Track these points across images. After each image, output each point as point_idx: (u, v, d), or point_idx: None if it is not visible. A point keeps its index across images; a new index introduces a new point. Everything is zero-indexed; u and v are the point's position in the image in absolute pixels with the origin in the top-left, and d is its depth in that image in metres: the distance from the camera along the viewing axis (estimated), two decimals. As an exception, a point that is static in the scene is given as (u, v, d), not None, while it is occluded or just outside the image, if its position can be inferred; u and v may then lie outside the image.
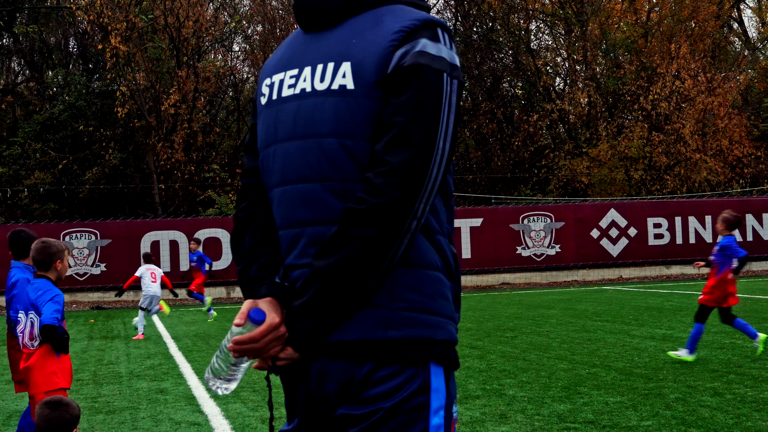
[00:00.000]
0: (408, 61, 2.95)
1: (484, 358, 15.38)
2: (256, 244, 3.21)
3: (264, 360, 3.03)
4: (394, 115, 2.93)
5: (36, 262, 8.26)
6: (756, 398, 10.71)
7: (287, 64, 3.23)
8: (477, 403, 11.23)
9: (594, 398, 11.23)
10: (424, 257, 3.03)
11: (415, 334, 2.99)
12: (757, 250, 41.03)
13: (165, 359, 17.08)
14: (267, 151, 3.22)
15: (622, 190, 46.73)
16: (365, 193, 2.90)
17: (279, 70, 3.25)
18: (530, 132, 50.86)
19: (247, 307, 3.02)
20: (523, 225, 38.99)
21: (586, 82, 49.82)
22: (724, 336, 16.94)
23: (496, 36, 54.05)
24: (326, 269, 2.91)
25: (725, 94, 49.24)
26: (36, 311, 8.19)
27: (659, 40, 49.83)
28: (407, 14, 3.06)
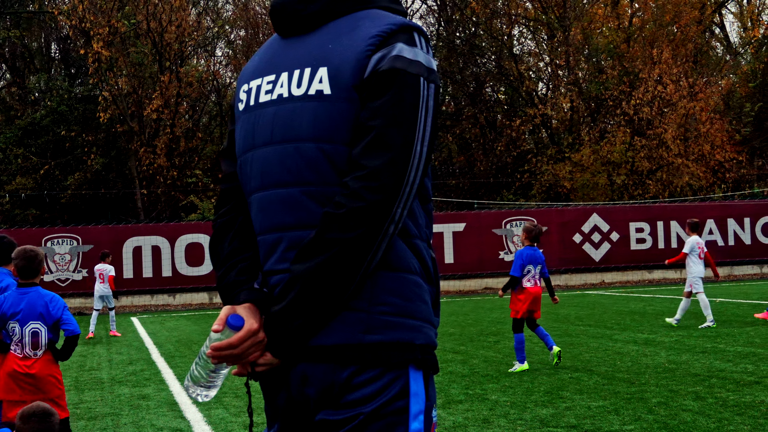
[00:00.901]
0: (384, 66, 2.95)
1: (467, 362, 15.39)
2: (235, 249, 3.19)
3: (243, 366, 3.01)
4: (371, 119, 2.93)
5: (24, 269, 8.26)
6: (738, 402, 10.74)
7: (264, 69, 3.22)
8: (460, 407, 11.23)
9: (576, 403, 11.24)
10: (402, 261, 3.02)
11: (395, 338, 2.98)
12: (739, 255, 41.20)
13: (147, 365, 17.03)
14: (245, 157, 3.21)
15: (604, 195, 46.82)
16: (343, 197, 2.89)
17: (256, 75, 3.24)
18: (513, 137, 50.91)
19: (226, 313, 3.00)
20: (505, 230, 39.03)
21: (568, 87, 49.91)
22: (706, 340, 17.00)
23: (479, 41, 54.13)
24: (305, 274, 2.90)
25: (707, 99, 49.40)
26: (43, 321, 8.23)
27: (641, 45, 49.97)
28: (384, 19, 3.06)
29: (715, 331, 18.41)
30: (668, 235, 40.48)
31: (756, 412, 10.08)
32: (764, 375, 12.64)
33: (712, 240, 40.76)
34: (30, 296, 8.27)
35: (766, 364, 13.70)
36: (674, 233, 40.56)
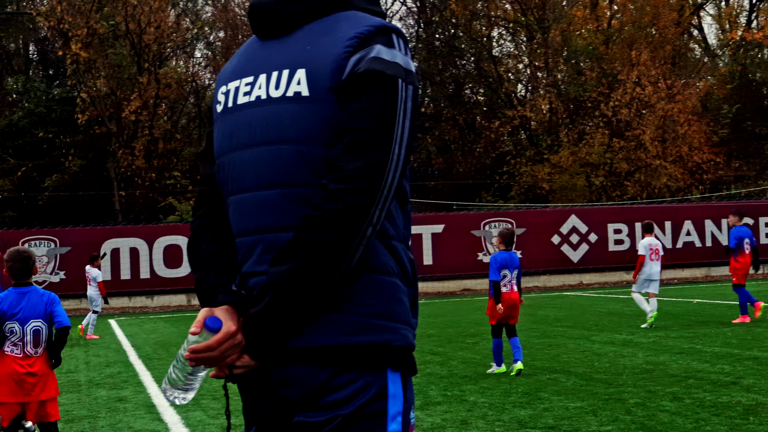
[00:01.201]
0: (362, 68, 2.94)
1: (446, 364, 15.40)
2: (213, 252, 3.17)
3: (221, 368, 2.99)
4: (349, 121, 2.92)
5: (20, 271, 8.38)
6: (714, 403, 10.77)
7: (242, 71, 3.21)
8: (438, 409, 11.23)
9: (554, 404, 11.25)
10: (380, 263, 3.01)
11: (373, 340, 2.98)
12: (716, 256, 41.32)
13: (125, 367, 16.98)
14: (223, 159, 3.19)
15: (583, 196, 46.96)
16: (321, 199, 2.88)
17: (235, 77, 3.22)
18: (492, 138, 51.01)
19: (203, 315, 2.97)
20: (484, 231, 39.08)
21: (547, 88, 50.05)
22: (684, 341, 17.05)
23: (459, 43, 54.22)
24: (282, 276, 2.89)
25: (685, 100, 49.60)
26: (44, 319, 8.36)
27: (620, 47, 50.15)
28: (362, 20, 3.05)
29: (692, 332, 18.47)
30: (646, 236, 40.55)
31: (733, 413, 10.11)
32: (741, 376, 12.69)
33: (689, 241, 40.94)
34: (29, 295, 8.45)
35: (743, 364, 13.76)
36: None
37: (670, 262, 40.85)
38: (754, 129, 54.78)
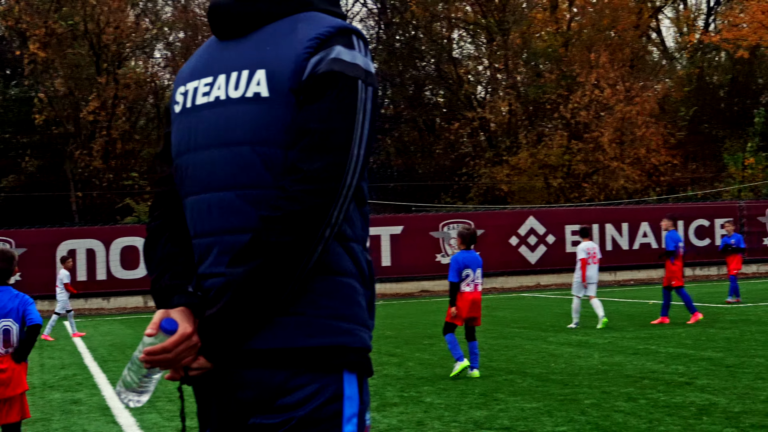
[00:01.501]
0: (323, 68, 2.93)
1: (403, 365, 15.41)
2: (169, 253, 3.15)
3: (176, 370, 2.97)
4: (309, 122, 2.91)
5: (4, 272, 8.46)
6: (668, 403, 10.85)
7: (201, 71, 3.19)
8: (395, 410, 11.24)
9: (510, 404, 11.29)
10: (338, 264, 3.02)
11: (330, 342, 2.98)
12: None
13: (79, 369, 16.86)
14: (181, 160, 3.17)
15: (541, 198, 47.16)
16: (280, 200, 2.88)
17: (193, 78, 3.21)
18: (451, 140, 51.12)
19: (159, 317, 2.95)
20: (443, 232, 39.14)
21: (507, 90, 50.21)
22: (639, 342, 17.16)
23: (419, 44, 54.30)
24: (240, 277, 2.88)
25: (643, 103, 49.92)
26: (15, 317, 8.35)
27: (579, 49, 50.41)
28: (322, 21, 3.04)
29: (647, 333, 18.59)
30: (603, 238, 40.84)
31: (687, 413, 10.19)
32: (695, 376, 12.79)
33: (646, 242, 41.20)
34: (2, 295, 8.42)
35: (696, 365, 13.86)
36: (609, 236, 40.95)
37: (627, 263, 41.18)
38: (711, 131, 55.22)
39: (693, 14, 63.39)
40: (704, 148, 55.83)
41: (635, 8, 54.34)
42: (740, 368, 13.33)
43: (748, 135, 50.47)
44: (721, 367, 13.48)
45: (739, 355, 14.79)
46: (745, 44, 52.46)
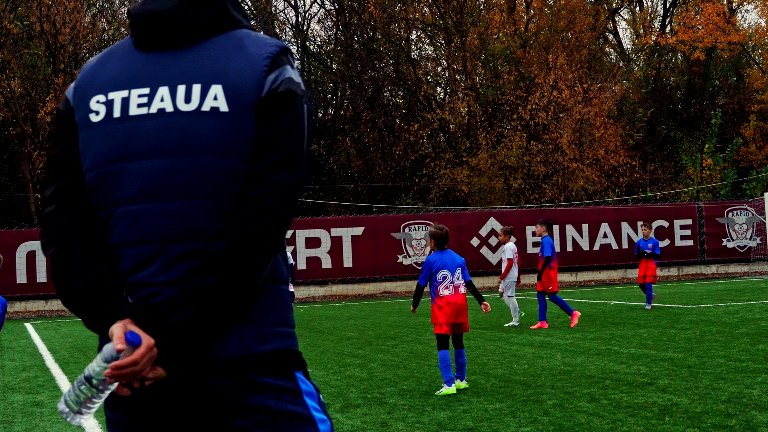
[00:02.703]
0: (282, 88, 3.06)
1: (365, 366, 15.40)
2: (94, 261, 3.09)
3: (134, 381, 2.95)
4: (277, 137, 3.02)
5: None
6: (631, 403, 10.91)
7: (130, 82, 3.17)
8: (358, 411, 11.23)
9: (474, 405, 11.31)
10: (277, 271, 3.15)
11: (282, 346, 3.11)
12: (633, 258, 41.83)
13: (41, 371, 16.73)
14: (110, 168, 3.14)
15: (501, 199, 47.28)
16: (255, 212, 2.97)
17: (119, 87, 3.18)
18: (411, 141, 51.12)
19: (121, 330, 2.91)
20: (404, 234, 39.18)
21: (465, 91, 50.30)
22: (601, 342, 17.25)
23: (377, 45, 54.27)
24: (211, 286, 2.93)
25: (601, 104, 50.21)
26: None
27: (537, 50, 50.61)
28: (265, 40, 3.16)
29: (609, 334, 18.70)
30: (564, 238, 41.04)
31: (648, 413, 10.25)
32: (656, 376, 12.87)
33: (606, 243, 41.43)
34: None
35: (658, 365, 13.95)
36: (569, 237, 41.16)
37: (587, 264, 41.40)
38: (669, 133, 55.63)
39: (649, 16, 63.83)
40: (662, 149, 56.22)
41: (592, 10, 54.66)
42: (701, 368, 13.43)
43: (706, 136, 50.88)
44: (683, 368, 13.58)
45: (700, 355, 14.91)
46: (701, 46, 52.93)
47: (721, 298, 27.57)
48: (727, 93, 59.18)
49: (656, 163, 55.88)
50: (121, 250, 3.11)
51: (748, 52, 59.51)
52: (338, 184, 52.10)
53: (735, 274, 42.52)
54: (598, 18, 55.95)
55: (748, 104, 56.17)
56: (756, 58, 60.50)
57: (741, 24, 62.71)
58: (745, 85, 57.84)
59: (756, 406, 10.40)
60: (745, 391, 11.36)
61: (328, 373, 14.74)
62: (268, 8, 55.86)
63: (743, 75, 58.32)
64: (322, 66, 57.57)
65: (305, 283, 38.20)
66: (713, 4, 54.58)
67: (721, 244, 42.97)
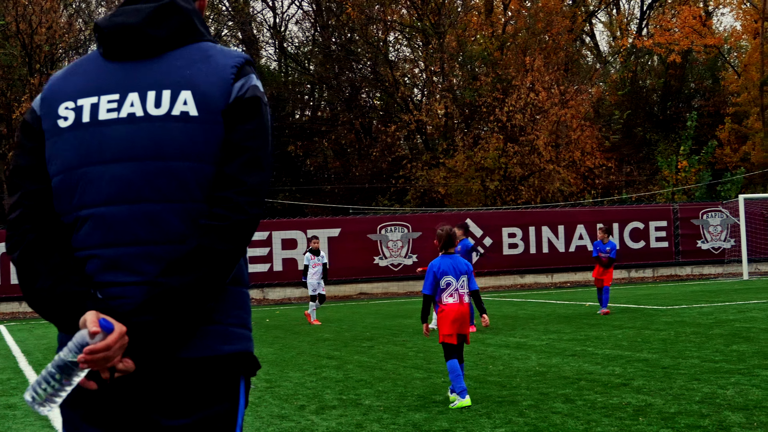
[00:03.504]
0: (249, 94, 3.21)
1: (341, 368, 15.40)
2: (59, 263, 3.15)
3: (103, 371, 2.97)
4: (244, 140, 3.16)
5: None
6: (606, 404, 10.95)
7: (99, 88, 3.25)
8: (333, 413, 11.23)
9: (449, 406, 11.32)
10: (240, 274, 3.26)
11: (241, 348, 3.22)
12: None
13: (14, 374, 16.64)
14: (78, 172, 3.19)
15: (478, 201, 47.33)
16: (226, 210, 3.07)
17: (88, 94, 3.26)
18: (388, 142, 51.15)
19: (94, 317, 2.95)
20: (380, 235, 39.18)
21: (443, 93, 50.36)
22: (576, 344, 17.30)
23: (355, 47, 54.27)
24: (181, 286, 2.99)
25: (578, 106, 50.34)
26: None
27: (514, 52, 50.70)
28: (229, 51, 3.33)
29: (584, 335, 18.75)
30: (540, 240, 41.14)
31: (623, 414, 10.29)
32: (631, 377, 12.92)
33: (582, 245, 41.52)
34: None
35: (633, 366, 14.01)
36: (545, 238, 41.24)
37: (563, 265, 41.49)
38: (645, 135, 55.83)
39: (626, 19, 64.08)
40: (638, 151, 56.46)
41: (569, 12, 54.81)
42: (675, 369, 13.50)
43: (681, 138, 51.10)
44: (657, 368, 13.64)
45: (675, 356, 14.97)
46: (677, 48, 53.15)
47: (695, 299, 27.69)
48: (702, 95, 59.47)
49: (632, 165, 56.12)
50: (89, 252, 3.17)
51: (724, 55, 59.83)
52: (315, 185, 52.09)
53: (709, 275, 42.71)
54: (576, 20, 56.12)
55: (723, 107, 56.44)
56: (731, 61, 60.84)
57: (717, 27, 63.07)
58: (720, 88, 58.13)
59: (729, 406, 10.46)
60: (718, 392, 11.42)
61: (304, 375, 14.73)
62: (246, 9, 55.77)
63: (719, 78, 58.61)
64: (299, 67, 57.56)
65: (281, 284, 38.16)
66: (689, 7, 54.83)
67: (696, 246, 43.14)
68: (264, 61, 58.19)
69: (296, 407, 11.73)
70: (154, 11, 3.24)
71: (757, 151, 51.45)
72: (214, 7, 53.55)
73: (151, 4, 3.26)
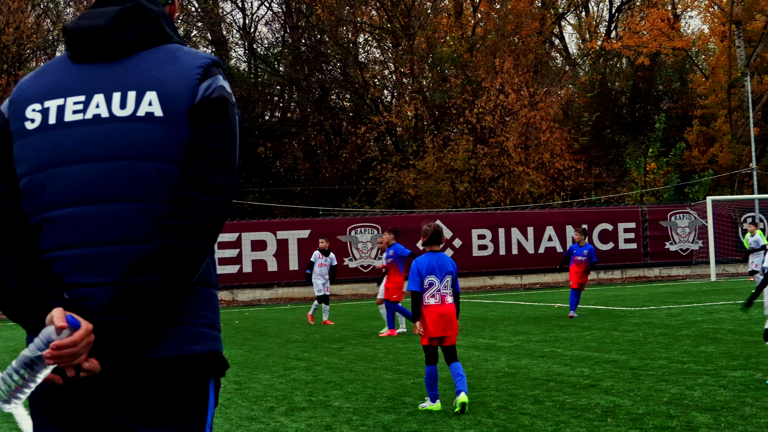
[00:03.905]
0: (215, 94, 3.23)
1: (311, 369, 15.38)
2: (27, 263, 3.15)
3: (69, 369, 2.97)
4: (210, 140, 3.17)
5: None
6: (574, 405, 10.98)
7: (65, 90, 3.27)
8: (303, 414, 11.21)
9: (418, 408, 11.33)
10: (208, 275, 3.27)
11: (209, 349, 3.22)
12: (578, 261, 42.13)
13: (-19, 376, 16.50)
14: (43, 174, 3.21)
15: (448, 202, 47.39)
16: (191, 210, 3.07)
17: (55, 96, 3.27)
18: (358, 144, 51.15)
19: (61, 314, 2.95)
20: (350, 236, 39.17)
21: (413, 95, 50.39)
22: (545, 345, 17.35)
23: (325, 48, 54.22)
24: (147, 286, 3.00)
25: (547, 108, 50.53)
26: None
27: (484, 54, 50.79)
28: (197, 54, 3.34)
29: (553, 336, 18.81)
30: (509, 241, 41.24)
31: (592, 415, 10.33)
32: (599, 378, 12.97)
33: (551, 246, 41.66)
34: None
35: (601, 367, 14.06)
36: (515, 240, 41.34)
37: (532, 266, 41.62)
38: (614, 137, 56.09)
39: (595, 21, 64.37)
40: (607, 152, 56.71)
41: (538, 15, 54.98)
42: (644, 370, 13.56)
43: (650, 140, 51.36)
44: (626, 370, 13.70)
45: (643, 357, 15.04)
46: (645, 51, 53.43)
47: (663, 300, 27.84)
48: (671, 98, 59.82)
49: (601, 166, 56.38)
50: (56, 252, 3.18)
51: (692, 58, 60.19)
52: (285, 186, 52.00)
53: (678, 276, 42.95)
54: (545, 23, 56.31)
55: (691, 109, 56.79)
56: (699, 64, 61.21)
57: (685, 30, 63.54)
58: (688, 90, 58.48)
59: (697, 407, 10.52)
60: (686, 393, 11.48)
61: (274, 376, 14.71)
62: (215, 10, 55.61)
63: (687, 80, 58.97)
64: (269, 68, 57.44)
65: (251, 285, 38.09)
66: (658, 10, 55.13)
67: (664, 247, 43.38)
68: (234, 62, 58.05)
69: (265, 409, 11.71)
70: (119, 14, 3.26)
71: (725, 154, 51.78)
72: (183, 7, 53.36)
73: (118, 6, 3.28)
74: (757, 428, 9.28)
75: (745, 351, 15.24)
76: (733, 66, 52.62)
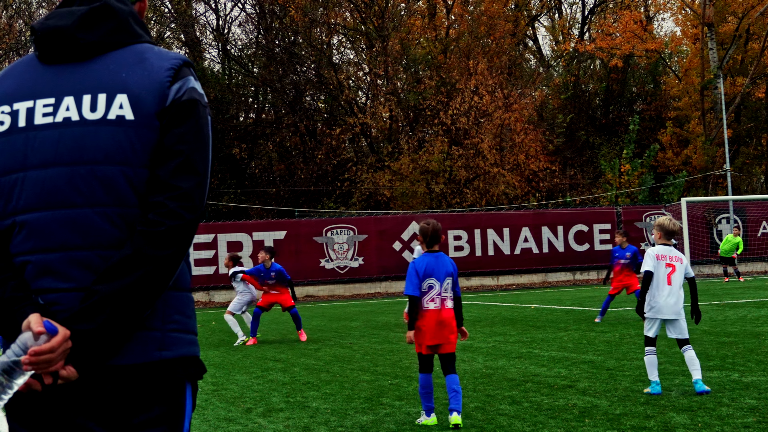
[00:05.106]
0: (185, 97, 3.19)
1: (288, 371, 15.36)
2: None
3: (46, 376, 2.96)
4: (177, 144, 3.12)
5: None
6: (552, 406, 11.01)
7: (33, 93, 3.23)
8: (280, 416, 11.19)
9: (396, 409, 11.34)
10: (182, 279, 3.25)
11: (183, 353, 3.20)
12: (553, 262, 42.33)
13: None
14: (11, 178, 3.18)
15: (423, 203, 47.44)
16: (159, 216, 3.04)
17: (24, 98, 3.24)
18: (333, 145, 51.09)
19: (38, 319, 2.94)
20: (326, 237, 39.16)
21: (387, 96, 50.40)
22: (522, 346, 17.39)
23: (299, 49, 54.14)
24: (117, 292, 2.97)
25: (521, 109, 50.66)
26: None
27: (458, 56, 50.87)
28: (166, 53, 3.31)
29: (530, 337, 18.85)
30: (485, 242, 41.32)
31: (569, 415, 10.35)
32: (576, 379, 13.00)
33: (527, 248, 41.77)
34: None
35: (578, 368, 14.10)
36: (491, 241, 41.44)
37: (508, 268, 41.70)
38: (588, 138, 56.27)
39: (568, 23, 64.57)
40: (581, 154, 56.89)
41: (512, 17, 55.13)
42: (620, 371, 13.61)
43: (624, 142, 51.60)
44: (602, 370, 13.75)
45: (619, 358, 15.09)
46: (618, 53, 53.67)
47: (639, 301, 27.88)
48: (644, 99, 60.09)
49: (576, 168, 56.54)
50: (24, 257, 3.14)
51: (665, 60, 60.45)
52: (260, 188, 51.89)
53: (652, 277, 43.04)
54: (518, 24, 56.47)
55: (664, 111, 57.07)
56: (672, 66, 61.49)
57: (658, 32, 63.84)
58: (661, 92, 58.78)
59: (674, 407, 10.56)
60: (663, 393, 11.53)
61: (251, 378, 14.68)
62: (189, 11, 55.44)
63: (660, 82, 59.25)
64: (243, 70, 57.31)
65: (227, 287, 37.98)
66: (630, 12, 55.37)
67: (639, 248, 43.49)
68: (207, 63, 57.87)
69: (243, 410, 11.69)
70: (86, 14, 3.22)
71: (699, 155, 52.04)
72: (156, 8, 53.18)
73: (84, 6, 3.24)
74: (733, 428, 9.33)
75: (721, 351, 15.32)
76: (705, 68, 52.91)
